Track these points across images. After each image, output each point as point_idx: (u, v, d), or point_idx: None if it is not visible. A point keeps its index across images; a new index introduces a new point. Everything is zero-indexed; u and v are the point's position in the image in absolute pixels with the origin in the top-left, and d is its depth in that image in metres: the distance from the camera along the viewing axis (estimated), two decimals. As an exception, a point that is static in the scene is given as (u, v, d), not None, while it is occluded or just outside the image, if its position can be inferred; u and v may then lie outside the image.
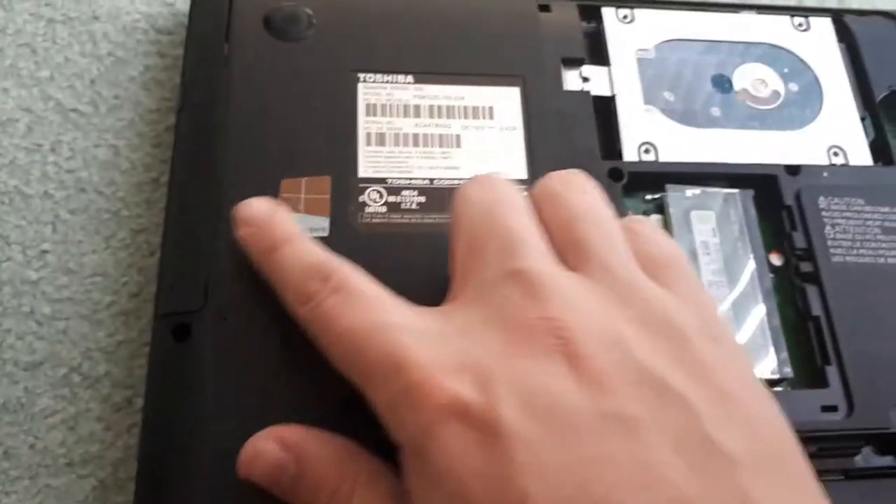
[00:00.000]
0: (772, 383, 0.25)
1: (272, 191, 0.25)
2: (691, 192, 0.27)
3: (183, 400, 0.22)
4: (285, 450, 0.19)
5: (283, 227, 0.22)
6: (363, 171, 0.26)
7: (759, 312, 0.26)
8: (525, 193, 0.21)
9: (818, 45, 0.32)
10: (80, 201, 0.27)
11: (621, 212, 0.26)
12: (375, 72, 0.27)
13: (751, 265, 0.26)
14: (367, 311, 0.19)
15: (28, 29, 0.30)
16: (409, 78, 0.27)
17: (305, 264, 0.20)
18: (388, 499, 0.18)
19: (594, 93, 0.29)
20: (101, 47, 0.30)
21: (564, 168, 0.23)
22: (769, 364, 0.25)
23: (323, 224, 0.24)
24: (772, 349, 0.25)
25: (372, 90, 0.27)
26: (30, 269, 0.26)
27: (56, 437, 0.24)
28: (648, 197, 0.28)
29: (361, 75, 0.27)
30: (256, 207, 0.22)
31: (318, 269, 0.20)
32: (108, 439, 0.24)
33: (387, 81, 0.27)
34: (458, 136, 0.27)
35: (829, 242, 0.27)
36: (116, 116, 0.29)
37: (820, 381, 0.25)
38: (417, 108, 0.27)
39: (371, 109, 0.27)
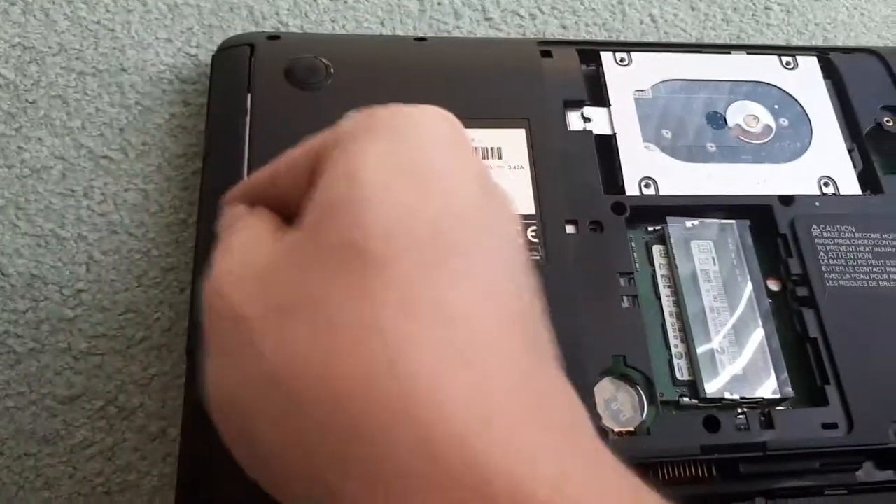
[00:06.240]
0: (774, 403, 0.26)
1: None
2: (690, 223, 0.29)
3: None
4: None
5: None
6: (381, 209, 0.27)
7: (759, 335, 0.27)
8: None
9: (805, 82, 0.33)
10: (113, 243, 0.29)
11: (625, 244, 0.28)
12: (390, 116, 0.29)
13: (749, 291, 0.28)
14: None
15: (60, 81, 0.32)
16: (422, 121, 0.29)
17: None
18: None
19: (596, 132, 0.30)
20: (128, 97, 0.32)
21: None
22: (770, 385, 0.26)
23: (345, 260, 0.26)
24: (772, 370, 0.26)
25: (388, 133, 0.29)
26: (66, 307, 0.27)
27: (94, 467, 0.25)
28: (650, 228, 0.29)
29: (377, 120, 0.29)
30: None
31: None
32: (143, 468, 0.25)
33: (401, 125, 0.29)
34: (469, 175, 0.29)
35: (824, 268, 0.28)
36: (145, 162, 0.31)
37: (820, 400, 0.26)
38: (430, 149, 0.29)
39: (387, 151, 0.28)
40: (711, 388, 0.26)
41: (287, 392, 0.15)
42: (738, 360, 0.26)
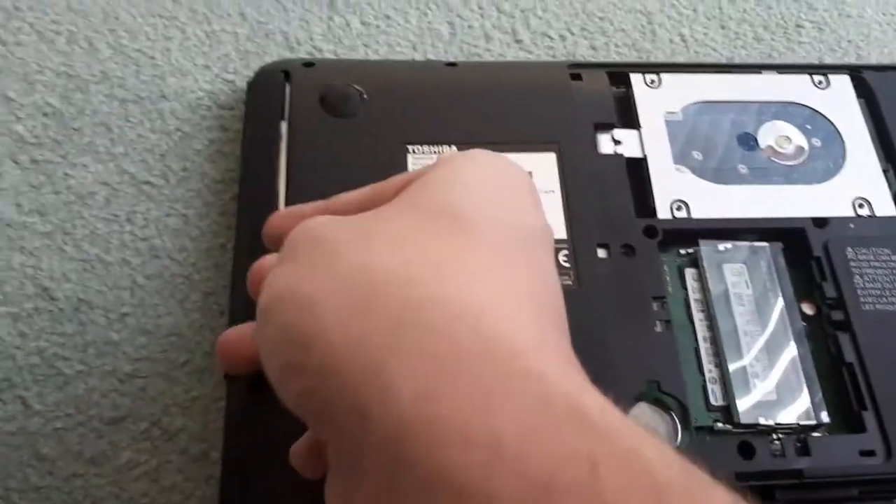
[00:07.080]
0: (809, 429, 0.26)
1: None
2: (723, 246, 0.29)
3: (260, 450, 0.24)
4: None
5: None
6: (415, 234, 0.28)
7: (793, 359, 0.27)
8: None
9: (838, 101, 0.33)
10: (155, 267, 0.30)
11: (657, 267, 0.28)
12: (423, 143, 0.30)
13: (783, 314, 0.28)
14: None
15: (103, 109, 0.33)
16: (454, 148, 0.30)
17: None
18: None
19: (626, 155, 0.31)
20: (169, 123, 0.33)
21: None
22: (805, 408, 0.26)
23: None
24: (807, 394, 0.26)
25: (420, 160, 0.29)
26: (111, 330, 0.28)
27: (140, 488, 0.26)
28: (682, 251, 0.29)
29: (410, 147, 0.29)
30: None
31: None
32: (187, 490, 0.26)
33: (434, 152, 0.29)
34: (501, 200, 0.29)
35: (859, 291, 0.28)
36: (185, 187, 0.32)
37: (857, 426, 0.26)
38: (463, 174, 0.29)
39: (420, 177, 0.29)
40: (745, 413, 0.26)
41: (361, 287, 0.17)
42: (772, 384, 0.26)
